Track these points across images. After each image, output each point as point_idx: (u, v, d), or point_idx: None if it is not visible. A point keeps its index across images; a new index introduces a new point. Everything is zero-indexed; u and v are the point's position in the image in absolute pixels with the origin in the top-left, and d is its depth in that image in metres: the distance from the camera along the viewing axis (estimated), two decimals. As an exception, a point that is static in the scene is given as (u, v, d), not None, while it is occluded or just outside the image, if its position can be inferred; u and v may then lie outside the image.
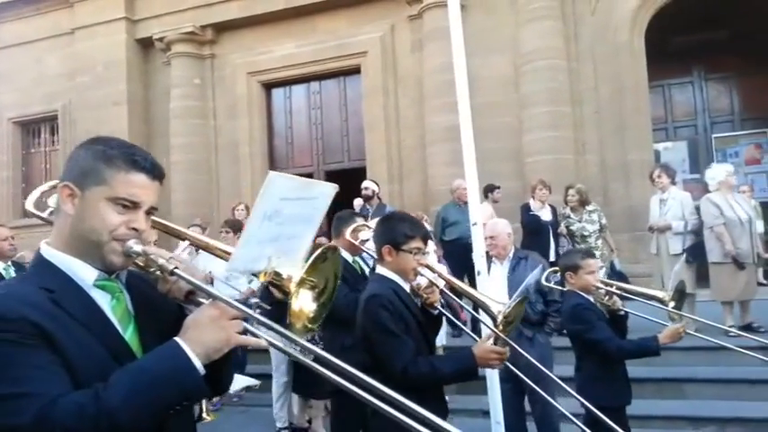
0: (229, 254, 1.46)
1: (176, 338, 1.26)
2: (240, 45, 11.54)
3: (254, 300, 1.34)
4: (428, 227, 8.36)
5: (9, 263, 5.03)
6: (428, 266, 2.74)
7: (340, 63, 10.89)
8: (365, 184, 8.44)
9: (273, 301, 1.42)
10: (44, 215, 1.78)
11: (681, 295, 3.56)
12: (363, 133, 10.78)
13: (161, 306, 1.46)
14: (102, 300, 1.38)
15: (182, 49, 11.54)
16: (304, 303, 1.41)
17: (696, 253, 6.96)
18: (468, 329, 3.67)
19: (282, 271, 1.37)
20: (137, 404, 1.17)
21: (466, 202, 5.13)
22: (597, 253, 7.20)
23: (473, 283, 3.78)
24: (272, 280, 1.37)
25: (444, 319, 3.10)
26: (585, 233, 7.28)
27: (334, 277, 1.47)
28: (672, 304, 3.50)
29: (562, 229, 7.43)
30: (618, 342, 3.54)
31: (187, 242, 1.50)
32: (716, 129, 11.65)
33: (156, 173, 1.42)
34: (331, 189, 1.48)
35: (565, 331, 3.95)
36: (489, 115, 9.25)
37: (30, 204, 1.86)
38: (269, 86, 11.65)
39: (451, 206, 7.85)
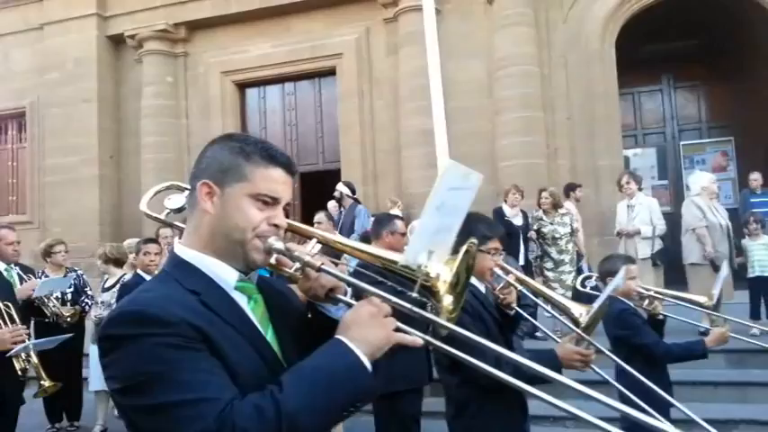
0: (365, 253, 1.42)
1: (340, 337, 1.21)
2: (214, 44, 11.43)
3: (413, 294, 1.28)
4: (398, 212, 8.44)
5: (11, 265, 5.08)
6: (503, 267, 2.73)
7: (315, 64, 10.86)
8: (337, 186, 8.51)
9: None
10: (161, 216, 1.71)
11: (718, 301, 3.60)
12: (338, 135, 10.77)
13: (289, 307, 1.45)
14: (242, 302, 1.34)
15: (154, 47, 11.39)
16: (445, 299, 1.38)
17: (663, 257, 7.12)
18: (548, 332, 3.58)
19: (430, 270, 1.30)
20: (316, 406, 1.13)
21: None
22: (567, 257, 7.31)
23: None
24: (423, 281, 1.28)
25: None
26: (557, 235, 7.37)
27: (466, 270, 1.41)
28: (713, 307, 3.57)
29: (531, 233, 7.51)
30: (665, 346, 3.59)
31: (315, 240, 1.45)
32: (684, 136, 11.91)
33: (291, 168, 1.40)
34: (478, 180, 1.40)
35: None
36: (463, 120, 9.32)
37: (144, 206, 1.79)
38: (243, 86, 11.57)
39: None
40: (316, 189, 10.35)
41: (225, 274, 1.32)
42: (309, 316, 1.46)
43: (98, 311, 5.91)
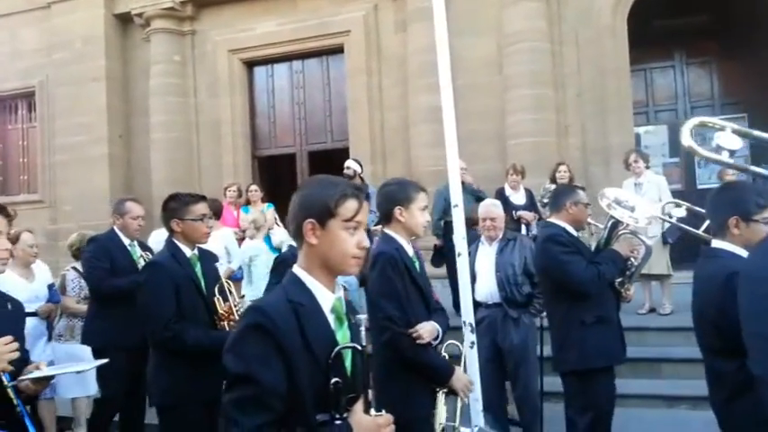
0: None
1: None
2: (221, 22, 11.35)
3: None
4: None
5: (134, 241, 4.67)
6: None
7: (323, 42, 10.77)
8: (347, 163, 8.42)
9: None
10: (715, 156, 1.37)
11: None
12: (346, 113, 10.72)
13: None
14: None
15: (161, 25, 11.31)
16: None
17: (673, 235, 7.10)
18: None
19: None
20: None
21: (469, 183, 5.16)
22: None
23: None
24: None
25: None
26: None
27: None
28: None
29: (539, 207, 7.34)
30: None
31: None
32: (696, 113, 11.74)
33: None
34: None
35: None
36: (472, 97, 9.25)
37: (689, 140, 1.50)
38: (251, 65, 11.50)
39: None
40: (324, 168, 10.32)
41: None
42: None
43: None
